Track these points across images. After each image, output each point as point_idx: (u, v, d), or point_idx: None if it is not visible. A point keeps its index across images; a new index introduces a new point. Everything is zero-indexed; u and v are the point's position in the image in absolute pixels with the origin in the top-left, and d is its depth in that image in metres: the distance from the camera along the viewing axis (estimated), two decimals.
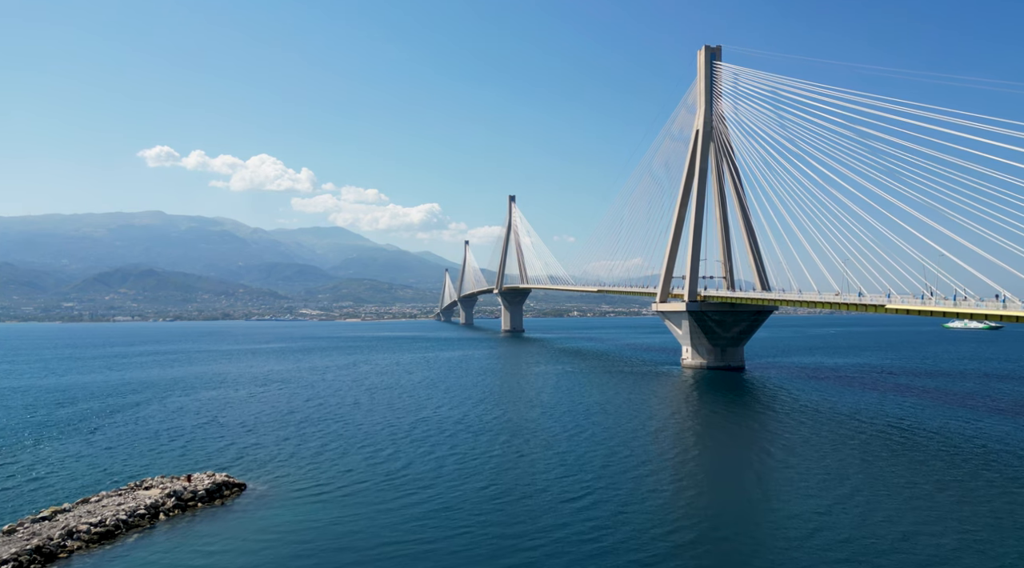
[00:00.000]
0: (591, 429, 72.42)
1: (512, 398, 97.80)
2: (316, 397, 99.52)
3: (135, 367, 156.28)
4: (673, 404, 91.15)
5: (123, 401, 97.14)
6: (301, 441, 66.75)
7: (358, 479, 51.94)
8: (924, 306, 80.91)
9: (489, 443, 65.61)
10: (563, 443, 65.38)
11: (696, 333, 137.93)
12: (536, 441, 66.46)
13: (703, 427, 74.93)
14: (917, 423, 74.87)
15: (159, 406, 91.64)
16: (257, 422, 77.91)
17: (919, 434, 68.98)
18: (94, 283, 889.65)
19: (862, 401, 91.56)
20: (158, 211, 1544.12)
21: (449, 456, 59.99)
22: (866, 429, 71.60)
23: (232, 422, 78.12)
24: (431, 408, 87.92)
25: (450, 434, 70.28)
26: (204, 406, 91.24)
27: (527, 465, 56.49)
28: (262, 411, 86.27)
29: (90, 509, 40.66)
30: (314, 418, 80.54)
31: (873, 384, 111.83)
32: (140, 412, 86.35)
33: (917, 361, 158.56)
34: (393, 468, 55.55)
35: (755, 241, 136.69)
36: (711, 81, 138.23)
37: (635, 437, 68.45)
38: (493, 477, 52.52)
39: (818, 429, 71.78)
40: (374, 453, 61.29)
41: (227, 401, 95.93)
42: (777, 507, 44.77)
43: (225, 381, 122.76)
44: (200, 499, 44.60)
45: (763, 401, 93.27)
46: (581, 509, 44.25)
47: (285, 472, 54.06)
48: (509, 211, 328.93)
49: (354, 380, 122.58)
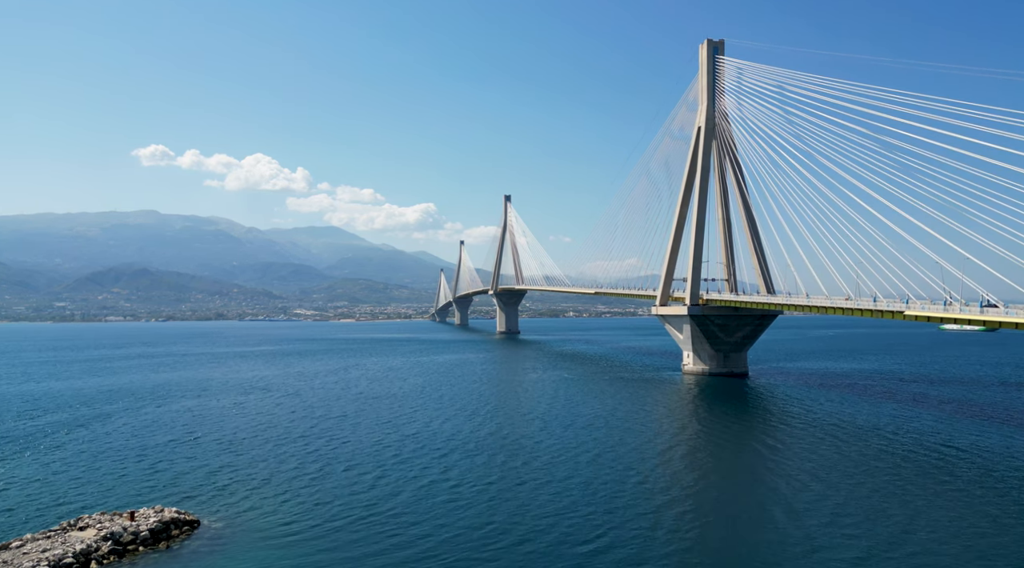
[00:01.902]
0: (594, 448, 66.78)
1: (508, 410, 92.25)
2: (300, 408, 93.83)
3: (117, 372, 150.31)
4: (679, 418, 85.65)
5: (93, 412, 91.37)
6: (276, 462, 61.03)
7: (334, 513, 46.21)
8: (947, 313, 75.44)
9: (485, 466, 59.94)
10: (564, 467, 59.67)
11: (698, 338, 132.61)
12: (536, 464, 60.78)
13: (716, 448, 69.35)
14: (946, 440, 69.27)
15: (129, 418, 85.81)
16: (231, 439, 72.14)
17: (951, 455, 63.26)
18: (87, 283, 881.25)
19: (881, 414, 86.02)
20: (152, 210, 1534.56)
21: (440, 482, 54.30)
22: (893, 448, 66.02)
23: (203, 439, 72.31)
24: (422, 421, 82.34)
25: (442, 454, 64.64)
26: (177, 419, 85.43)
27: (527, 496, 50.74)
28: (238, 426, 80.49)
29: (7, 559, 34.72)
30: (294, 434, 74.84)
31: (889, 393, 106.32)
32: (107, 426, 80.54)
33: (928, 367, 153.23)
34: (376, 498, 49.83)
35: (759, 242, 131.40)
36: (714, 76, 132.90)
37: (642, 460, 62.80)
38: (489, 513, 46.67)
39: (841, 448, 66.20)
40: (357, 478, 55.64)
41: (203, 413, 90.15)
42: (820, 551, 39.15)
43: (206, 389, 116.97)
44: (142, 541, 38.82)
45: (775, 414, 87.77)
46: (591, 555, 38.66)
47: (250, 503, 48.23)
48: (504, 211, 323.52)
49: (343, 388, 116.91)
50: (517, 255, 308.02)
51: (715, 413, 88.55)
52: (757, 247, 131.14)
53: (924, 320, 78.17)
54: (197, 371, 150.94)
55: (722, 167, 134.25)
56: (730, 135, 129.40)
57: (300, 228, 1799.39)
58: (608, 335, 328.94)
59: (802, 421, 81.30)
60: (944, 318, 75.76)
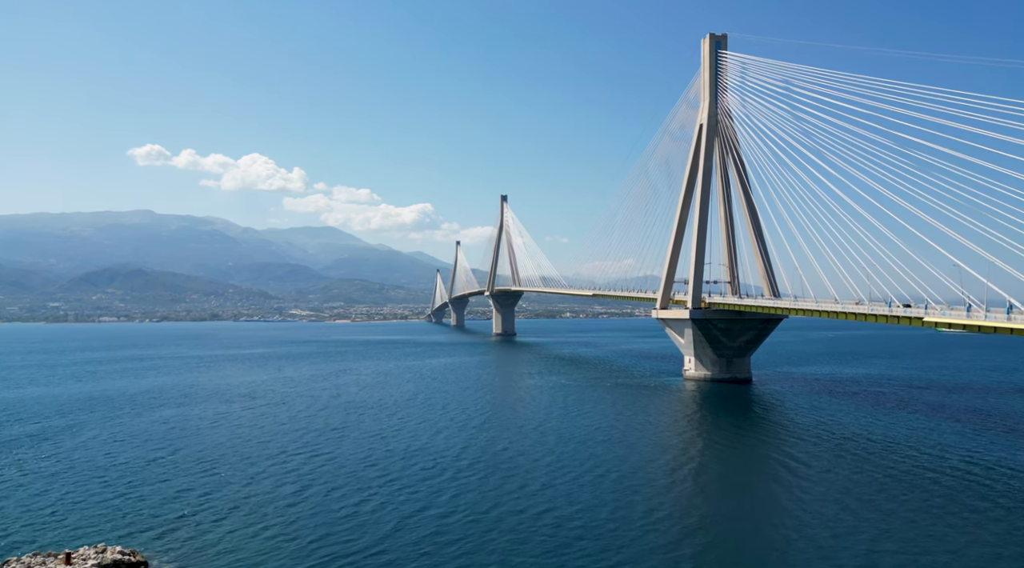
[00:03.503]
0: (595, 469, 61.82)
1: (502, 422, 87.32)
2: (283, 419, 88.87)
3: (100, 377, 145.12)
4: (683, 432, 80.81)
5: (64, 423, 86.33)
6: (247, 485, 55.99)
7: (307, 550, 41.18)
8: (970, 320, 70.60)
9: (477, 491, 54.84)
10: (564, 490, 54.63)
11: (700, 342, 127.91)
12: (532, 487, 55.75)
13: (726, 468, 64.59)
14: (972, 456, 64.39)
15: (99, 431, 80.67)
16: (202, 457, 67.04)
17: (981, 474, 58.31)
18: (81, 283, 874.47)
19: (898, 426, 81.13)
20: (147, 210, 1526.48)
21: (428, 510, 49.24)
22: (917, 468, 61.10)
23: (172, 457, 67.17)
24: (411, 435, 77.31)
25: (431, 475, 59.55)
26: (149, 432, 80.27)
27: (524, 529, 45.76)
28: (214, 441, 75.42)
29: None
30: (272, 450, 69.84)
31: (903, 402, 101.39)
32: (74, 439, 75.46)
33: (938, 372, 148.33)
34: (356, 530, 44.81)
35: (764, 243, 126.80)
36: (716, 71, 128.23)
37: (648, 483, 57.90)
38: (482, 549, 41.78)
39: (861, 467, 61.37)
40: (337, 505, 50.60)
41: (179, 425, 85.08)
42: None
43: (188, 396, 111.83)
44: None
45: (785, 427, 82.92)
46: None
47: (210, 538, 43.18)
48: (501, 211, 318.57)
49: (332, 396, 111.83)
50: (514, 256, 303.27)
51: (721, 426, 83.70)
52: (761, 248, 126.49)
53: (945, 328, 73.32)
54: (182, 376, 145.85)
55: (724, 165, 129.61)
56: (733, 132, 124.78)
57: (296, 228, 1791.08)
58: (606, 337, 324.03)
59: (814, 435, 76.47)
60: (967, 325, 70.96)
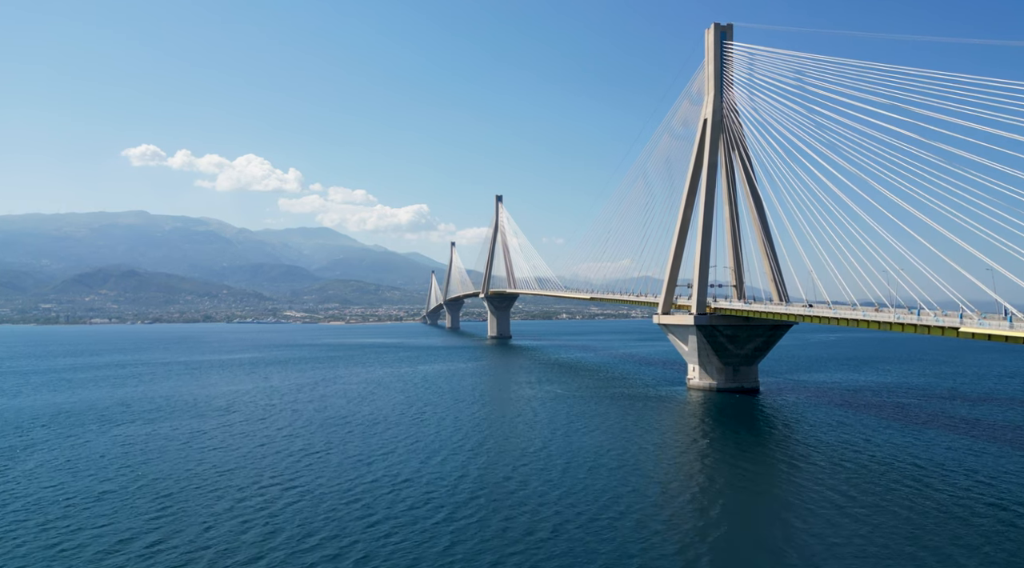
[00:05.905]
0: (613, 504, 54.67)
1: (499, 443, 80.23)
2: (261, 440, 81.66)
3: (75, 386, 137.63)
4: (691, 450, 73.97)
5: (19, 442, 79.17)
6: (205, 532, 48.73)
7: None
8: (1014, 331, 63.60)
9: (475, 539, 48.06)
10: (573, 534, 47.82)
11: (705, 350, 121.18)
12: (540, 533, 48.74)
13: (742, 494, 57.65)
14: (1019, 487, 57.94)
15: (54, 453, 73.46)
16: (160, 491, 59.63)
17: None
18: (74, 284, 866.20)
19: (923, 445, 74.32)
20: (142, 211, 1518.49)
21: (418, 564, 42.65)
22: (951, 499, 54.38)
23: (126, 490, 59.81)
24: (398, 459, 70.36)
25: (419, 517, 52.46)
26: (108, 454, 72.83)
27: None
28: (179, 469, 68.16)
29: None
30: (241, 479, 62.70)
31: (926, 417, 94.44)
32: (22, 464, 68.05)
33: (958, 379, 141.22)
34: None
35: (772, 245, 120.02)
36: (721, 63, 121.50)
37: (675, 527, 50.99)
38: None
39: (891, 498, 54.52)
40: (308, 553, 43.86)
41: (144, 446, 77.72)
42: None
43: (162, 409, 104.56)
44: None
45: (800, 445, 76.04)
46: None
47: None
48: (496, 211, 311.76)
49: (316, 409, 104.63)
50: (509, 257, 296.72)
51: (732, 445, 76.77)
52: (769, 251, 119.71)
53: (984, 338, 66.53)
54: (162, 385, 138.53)
55: (730, 163, 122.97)
56: (740, 128, 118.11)
57: (292, 229, 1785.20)
58: (603, 340, 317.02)
59: (832, 458, 69.60)
60: (1010, 337, 64.06)
